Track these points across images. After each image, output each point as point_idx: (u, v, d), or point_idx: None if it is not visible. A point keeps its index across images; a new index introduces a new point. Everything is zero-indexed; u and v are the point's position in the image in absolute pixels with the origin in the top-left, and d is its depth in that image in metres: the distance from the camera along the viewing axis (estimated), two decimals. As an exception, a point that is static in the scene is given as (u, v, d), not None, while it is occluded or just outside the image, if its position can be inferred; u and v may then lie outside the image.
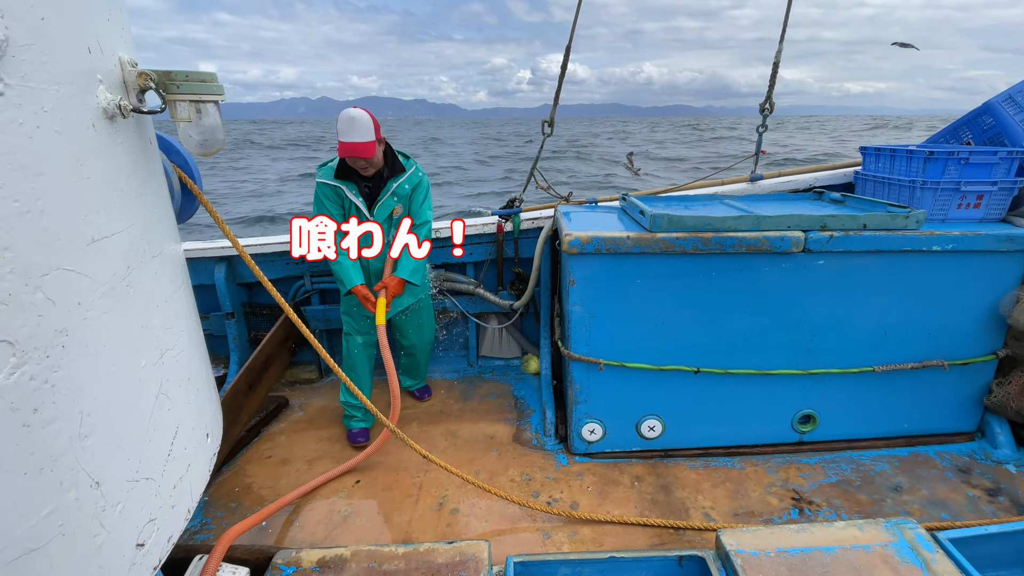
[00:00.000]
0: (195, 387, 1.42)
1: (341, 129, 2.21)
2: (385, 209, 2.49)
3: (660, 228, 2.17)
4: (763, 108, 2.83)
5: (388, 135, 2.63)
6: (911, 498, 2.21)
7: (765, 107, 2.82)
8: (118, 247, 1.08)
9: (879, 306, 2.31)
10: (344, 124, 2.21)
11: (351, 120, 2.20)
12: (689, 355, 2.36)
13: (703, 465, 2.43)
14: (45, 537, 0.89)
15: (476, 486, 2.17)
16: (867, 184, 2.78)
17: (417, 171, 2.53)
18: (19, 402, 0.84)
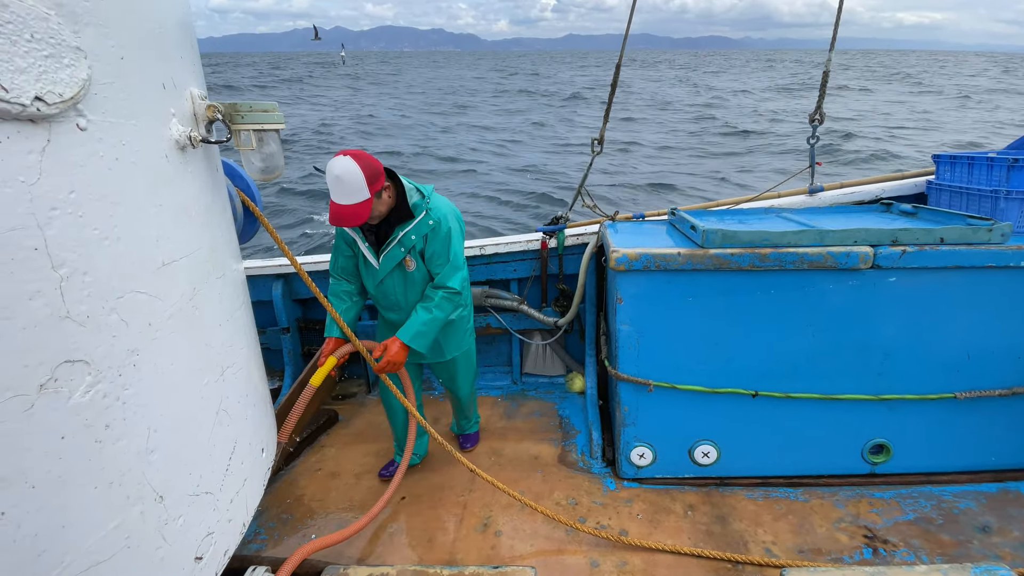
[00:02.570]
0: (252, 403, 1.47)
1: (329, 184, 1.76)
2: (391, 260, 2.05)
3: (713, 244, 2.08)
4: (812, 119, 2.69)
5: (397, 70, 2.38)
6: (1001, 540, 1.99)
7: (815, 118, 2.68)
8: (186, 269, 1.14)
9: (960, 327, 2.12)
10: (331, 181, 1.74)
11: (337, 179, 1.72)
12: (746, 377, 2.24)
13: (763, 496, 2.29)
14: (111, 550, 0.93)
15: (523, 503, 2.13)
16: (941, 195, 2.59)
17: (429, 217, 2.00)
18: (93, 419, 0.89)
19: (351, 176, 1.73)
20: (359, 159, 1.76)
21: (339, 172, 1.71)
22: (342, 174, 1.72)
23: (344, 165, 1.73)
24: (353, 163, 1.73)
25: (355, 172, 1.73)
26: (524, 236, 3.22)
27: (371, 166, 1.79)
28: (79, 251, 0.87)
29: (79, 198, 0.87)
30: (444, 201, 2.11)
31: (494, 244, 3.17)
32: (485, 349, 3.46)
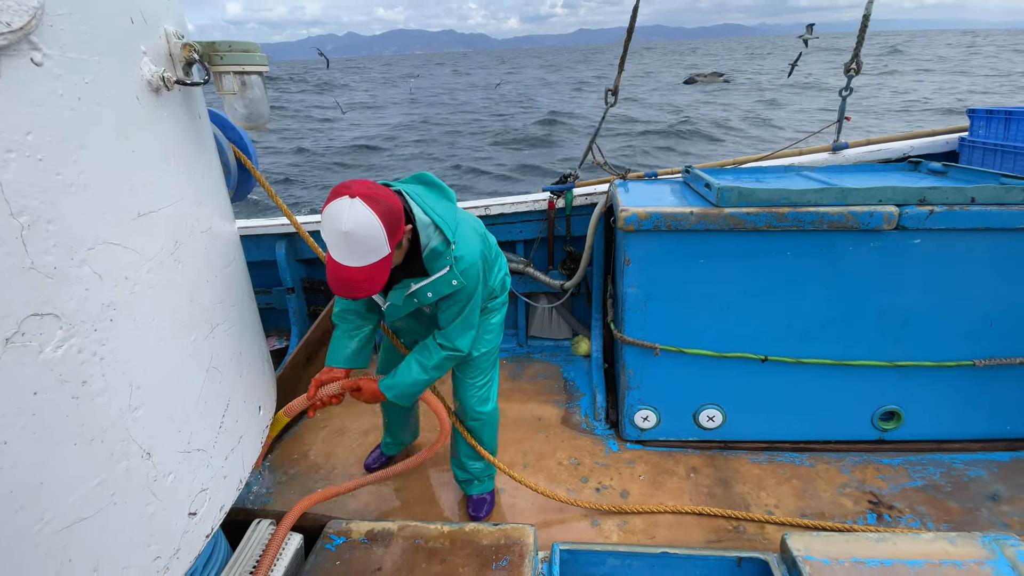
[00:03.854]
0: (247, 361, 1.44)
1: (330, 241, 1.24)
2: (396, 311, 1.62)
3: (728, 203, 1.98)
4: (848, 69, 2.51)
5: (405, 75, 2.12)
6: (1011, 509, 1.96)
7: (851, 67, 2.50)
8: (166, 221, 1.08)
9: (985, 293, 2.02)
10: (333, 237, 1.22)
11: (345, 236, 1.19)
12: (756, 342, 2.18)
13: (767, 460, 2.27)
14: (96, 506, 0.91)
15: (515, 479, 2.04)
16: (974, 152, 2.44)
17: (451, 277, 1.47)
18: (68, 374, 0.85)
19: (367, 231, 1.18)
20: (374, 201, 1.18)
21: (349, 226, 1.16)
22: (354, 229, 1.16)
23: (356, 216, 1.16)
24: (368, 212, 1.17)
25: (372, 225, 1.18)
26: (531, 196, 3.11)
27: (390, 208, 1.23)
28: (40, 198, 0.81)
29: (37, 140, 0.80)
30: (472, 241, 1.51)
31: (499, 204, 3.08)
32: None
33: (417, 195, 1.44)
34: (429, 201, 1.45)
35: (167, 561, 1.06)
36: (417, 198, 1.43)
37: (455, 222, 1.47)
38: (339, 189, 1.23)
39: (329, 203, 1.20)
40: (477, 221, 1.70)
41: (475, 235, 1.58)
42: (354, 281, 1.23)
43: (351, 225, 1.17)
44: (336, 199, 1.20)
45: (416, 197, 1.43)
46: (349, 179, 1.29)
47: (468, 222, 1.59)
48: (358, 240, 1.18)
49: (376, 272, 1.24)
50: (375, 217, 1.19)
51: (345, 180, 1.27)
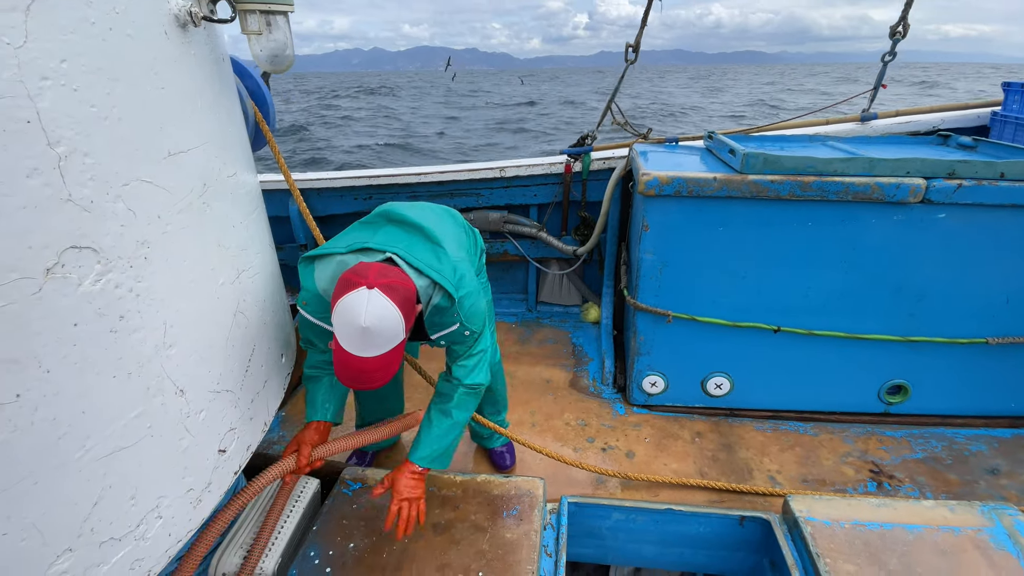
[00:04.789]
0: (270, 309, 1.45)
1: (344, 336, 1.12)
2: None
3: (752, 169, 1.95)
4: (895, 31, 2.41)
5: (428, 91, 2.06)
6: (1009, 482, 2.00)
7: (897, 30, 2.40)
8: (195, 163, 1.07)
9: (1005, 270, 2.00)
10: (350, 333, 1.11)
11: (364, 332, 1.10)
12: (770, 312, 2.18)
13: (772, 428, 2.31)
14: (134, 437, 0.94)
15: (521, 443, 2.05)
16: (1006, 127, 2.37)
17: (463, 330, 1.39)
18: (105, 308, 0.86)
19: (388, 324, 1.10)
20: (392, 290, 1.12)
21: (370, 322, 1.08)
22: (375, 324, 1.09)
23: (376, 311, 1.09)
24: (388, 304, 1.10)
25: (393, 317, 1.11)
26: (547, 159, 3.06)
27: (407, 294, 1.16)
28: (76, 129, 0.80)
29: (71, 69, 0.79)
30: (466, 271, 1.38)
31: (515, 166, 3.03)
32: (501, 276, 3.42)
33: (405, 252, 1.30)
34: (417, 253, 1.32)
35: (199, 494, 1.10)
36: (407, 256, 1.29)
37: (450, 267, 1.34)
38: (352, 279, 1.13)
39: (343, 295, 1.10)
40: (453, 226, 1.58)
41: (464, 257, 1.46)
42: (368, 372, 1.13)
43: (372, 320, 1.08)
44: (351, 292, 1.10)
45: (406, 255, 1.29)
46: (358, 264, 1.19)
47: (470, 279, 1.39)
48: (377, 333, 1.10)
49: (391, 358, 1.15)
50: (395, 309, 1.11)
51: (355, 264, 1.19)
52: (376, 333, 1.09)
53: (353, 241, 1.33)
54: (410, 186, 3.06)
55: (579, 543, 1.82)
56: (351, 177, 3.10)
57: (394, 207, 1.47)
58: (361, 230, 1.43)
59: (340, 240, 1.37)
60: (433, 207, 1.65)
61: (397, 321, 1.12)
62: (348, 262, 1.28)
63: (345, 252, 1.29)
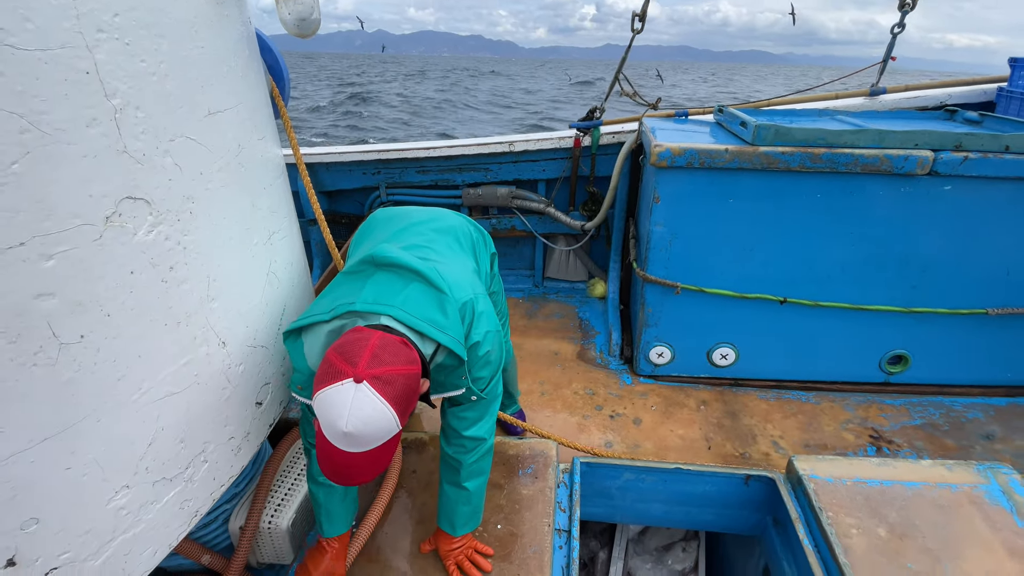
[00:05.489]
0: (297, 272, 1.49)
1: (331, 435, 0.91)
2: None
3: (764, 141, 1.98)
4: (903, 3, 2.42)
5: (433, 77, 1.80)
6: (1004, 447, 2.08)
7: (905, 2, 2.41)
8: (230, 124, 1.10)
9: (1007, 242, 2.05)
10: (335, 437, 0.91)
11: (347, 437, 0.90)
12: (777, 284, 2.23)
13: (775, 396, 2.38)
14: (184, 383, 0.99)
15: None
16: (1012, 102, 2.40)
17: (471, 394, 1.23)
18: (158, 259, 0.90)
19: (376, 426, 0.91)
20: (385, 384, 0.91)
21: (353, 426, 0.88)
22: (359, 429, 0.89)
23: (363, 414, 0.89)
24: (378, 403, 0.90)
25: (383, 418, 0.91)
26: (556, 133, 3.07)
27: (407, 383, 0.95)
28: (129, 83, 0.83)
29: (124, 23, 0.82)
30: (491, 323, 1.20)
31: (524, 141, 3.04)
32: (509, 252, 3.46)
33: (400, 311, 1.05)
34: (415, 308, 1.07)
35: (239, 442, 1.16)
36: (404, 318, 1.05)
37: (456, 318, 1.12)
38: (336, 365, 0.91)
39: (325, 385, 0.90)
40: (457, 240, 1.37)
41: (478, 284, 1.25)
42: (355, 467, 0.93)
43: (355, 424, 0.88)
44: (334, 384, 0.89)
45: (402, 316, 1.05)
46: (351, 333, 0.97)
47: (464, 284, 1.19)
48: (363, 436, 0.90)
49: (382, 453, 0.95)
50: (386, 408, 0.90)
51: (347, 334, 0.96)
52: (362, 436, 0.89)
53: (337, 303, 1.06)
54: (419, 161, 3.08)
55: (590, 502, 1.89)
56: (359, 151, 3.11)
57: (380, 250, 1.15)
58: (346, 283, 1.13)
59: (323, 301, 1.11)
60: (434, 219, 1.40)
61: (389, 421, 0.91)
62: (338, 332, 1.05)
63: (330, 318, 1.04)
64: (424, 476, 1.74)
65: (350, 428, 0.88)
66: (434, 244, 1.27)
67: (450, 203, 3.23)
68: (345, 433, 0.88)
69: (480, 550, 1.45)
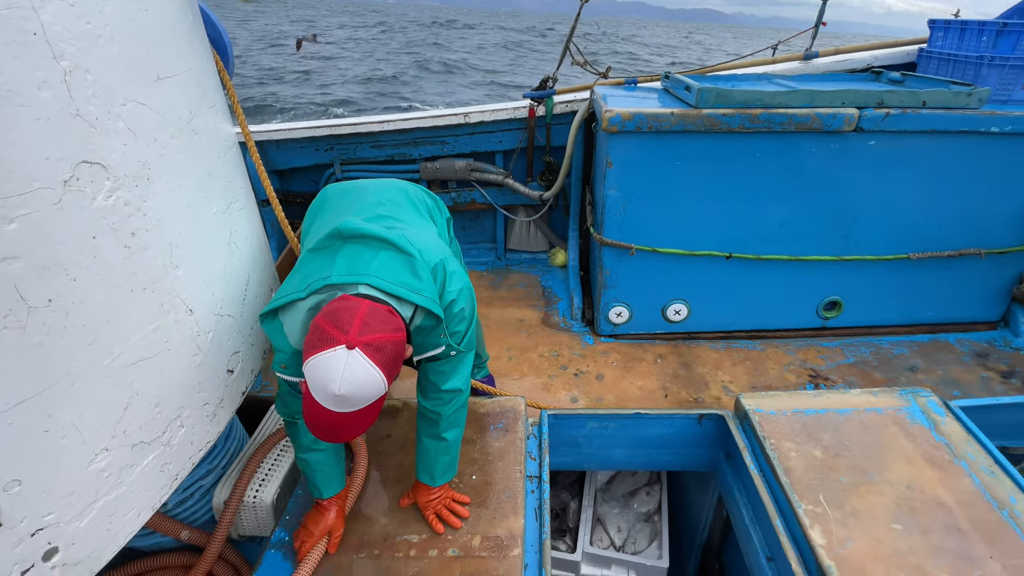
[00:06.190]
0: (258, 243, 1.50)
1: (321, 397, 0.95)
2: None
3: (707, 103, 2.08)
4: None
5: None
6: (925, 377, 2.32)
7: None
8: (180, 90, 1.10)
9: (926, 192, 2.25)
10: (325, 399, 0.95)
11: (337, 398, 0.95)
12: (723, 240, 2.38)
13: (724, 346, 2.55)
14: (155, 349, 1.01)
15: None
16: (931, 62, 2.59)
17: (451, 349, 1.28)
18: (119, 224, 0.91)
19: (368, 389, 0.96)
20: (376, 350, 0.96)
21: (346, 389, 0.93)
22: (352, 392, 0.94)
23: (355, 377, 0.93)
24: (370, 369, 0.95)
25: (375, 382, 0.96)
26: (511, 104, 3.10)
27: (396, 349, 1.01)
28: (77, 44, 0.83)
29: None
30: (463, 281, 1.25)
31: (480, 112, 3.06)
32: (470, 225, 3.49)
33: (377, 278, 1.08)
34: (390, 275, 1.10)
35: (214, 408, 1.18)
36: (382, 284, 1.08)
37: (429, 278, 1.16)
38: (328, 331, 0.94)
39: (317, 351, 0.93)
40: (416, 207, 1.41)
41: (443, 245, 1.30)
42: (342, 426, 0.98)
43: (348, 388, 0.92)
44: (326, 350, 0.93)
45: (380, 283, 1.08)
46: (338, 301, 1.00)
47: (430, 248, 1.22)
48: (354, 398, 0.95)
49: (368, 413, 1.00)
50: (378, 373, 0.95)
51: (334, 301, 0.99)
52: (353, 398, 0.94)
53: (311, 279, 1.07)
54: (373, 135, 3.05)
55: (558, 452, 2.00)
56: (311, 127, 3.05)
57: (346, 223, 1.16)
58: (315, 260, 1.14)
59: (295, 280, 1.12)
60: (386, 189, 1.41)
61: (379, 385, 0.96)
62: (318, 307, 1.06)
63: (306, 295, 1.06)
64: (399, 439, 1.80)
65: (343, 391, 0.92)
66: (395, 213, 1.30)
67: (408, 178, 3.22)
68: (337, 396, 0.92)
69: (457, 499, 1.54)
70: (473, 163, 3.21)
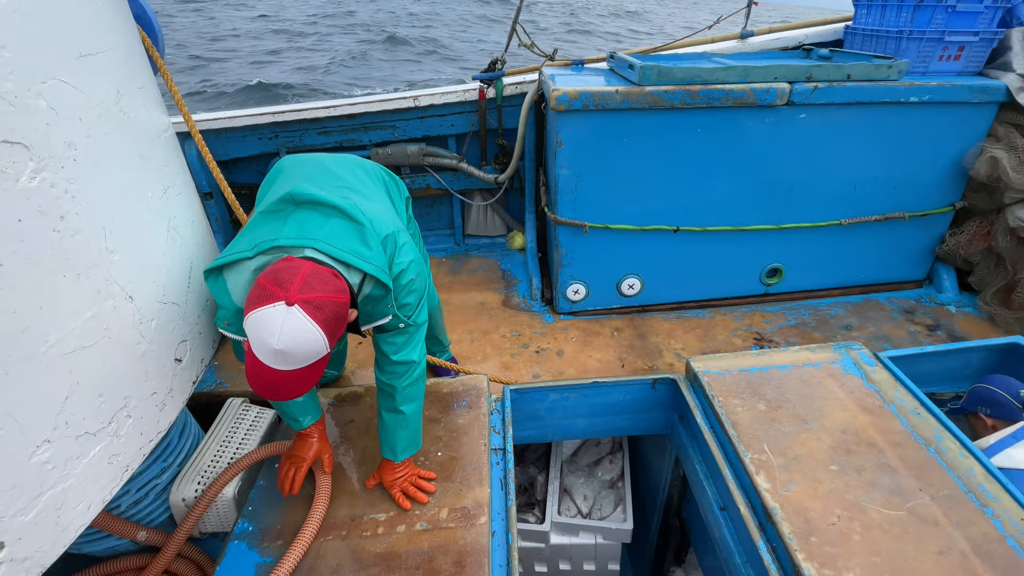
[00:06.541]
0: (200, 230, 1.46)
1: (260, 352, 0.98)
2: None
3: (649, 81, 2.14)
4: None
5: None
6: (859, 334, 2.49)
7: (761, -50, 2.65)
8: (105, 68, 1.05)
9: (854, 161, 2.40)
10: (264, 353, 0.97)
11: (278, 354, 0.96)
12: (670, 215, 2.46)
13: (676, 316, 2.66)
14: (93, 337, 0.98)
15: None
16: (855, 38, 2.75)
17: (398, 321, 1.30)
18: (46, 207, 0.88)
19: (306, 347, 0.97)
20: (316, 308, 0.98)
21: (284, 344, 0.95)
22: (289, 347, 0.96)
23: (293, 333, 0.95)
24: (309, 325, 0.96)
25: (314, 339, 0.98)
26: (460, 87, 3.09)
27: (336, 310, 1.02)
28: (-14, 18, 0.79)
29: None
30: (413, 254, 1.26)
31: (429, 95, 3.03)
32: (426, 212, 3.47)
33: (325, 243, 1.10)
34: (339, 241, 1.12)
35: (163, 398, 1.15)
36: (330, 249, 1.10)
37: (379, 248, 1.17)
38: (269, 288, 0.96)
39: (257, 306, 0.95)
40: (373, 182, 1.42)
41: (396, 218, 1.32)
42: (283, 384, 0.99)
43: (286, 343, 0.94)
44: (266, 305, 0.94)
45: (328, 248, 1.10)
46: (282, 262, 1.02)
47: (383, 219, 1.23)
48: (293, 355, 0.96)
49: (312, 372, 1.02)
50: (316, 330, 0.97)
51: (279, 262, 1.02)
52: (292, 355, 0.96)
53: (260, 240, 1.09)
54: (319, 121, 2.98)
55: (522, 426, 2.05)
56: (253, 114, 2.94)
57: (299, 188, 1.17)
58: (266, 222, 1.15)
59: (244, 239, 1.13)
60: (344, 163, 1.42)
61: (318, 342, 0.98)
62: (263, 268, 1.07)
63: (253, 255, 1.08)
64: (362, 424, 1.80)
65: (280, 346, 0.94)
66: (351, 183, 1.32)
67: None
68: (276, 351, 0.95)
69: (423, 475, 1.56)
70: (426, 148, 3.18)
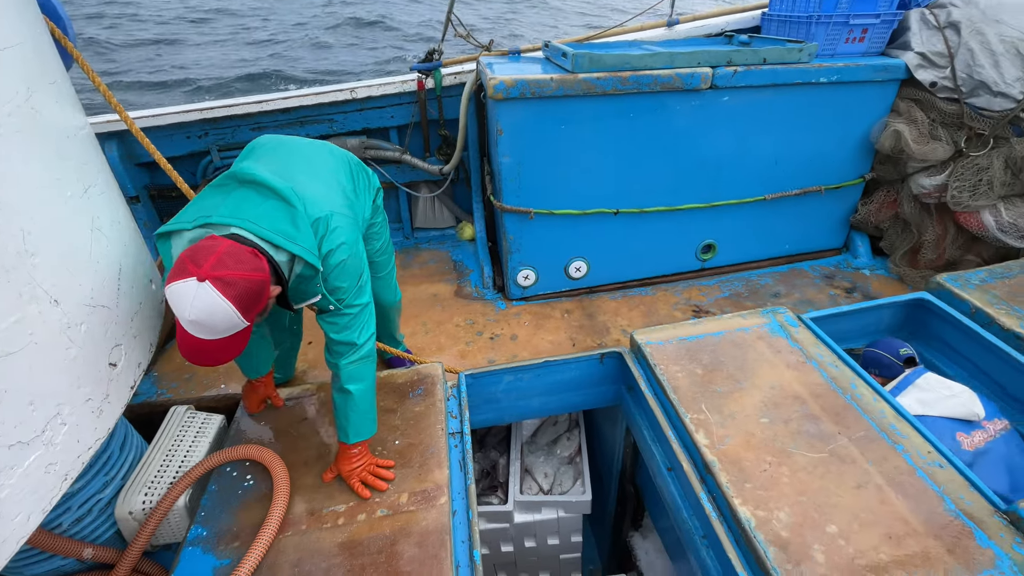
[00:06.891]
0: (126, 230, 1.40)
1: (181, 319, 1.07)
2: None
3: (582, 68, 2.21)
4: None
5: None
6: (786, 300, 2.69)
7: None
8: (12, 64, 1.00)
9: (773, 139, 2.58)
10: (182, 321, 1.07)
11: (193, 324, 1.06)
12: (610, 198, 2.56)
13: (622, 295, 2.77)
14: (19, 343, 0.94)
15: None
16: (772, 24, 2.93)
17: (327, 303, 1.38)
18: (-46, 209, 0.83)
19: (218, 319, 1.06)
20: (225, 284, 1.05)
21: (196, 316, 1.04)
22: (201, 318, 1.04)
23: (203, 306, 1.03)
24: (218, 299, 1.04)
25: (224, 313, 1.05)
26: (398, 77, 3.06)
27: (248, 287, 1.08)
28: None
29: None
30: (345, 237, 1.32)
31: (366, 87, 2.99)
32: None
33: (253, 224, 1.17)
34: (268, 222, 1.19)
35: (99, 404, 1.12)
36: (257, 230, 1.17)
37: (308, 231, 1.24)
38: (185, 264, 1.04)
39: (174, 280, 1.03)
40: (328, 168, 1.48)
41: (340, 203, 1.39)
42: (206, 351, 1.09)
43: (197, 315, 1.03)
44: (180, 280, 1.03)
45: (255, 229, 1.17)
46: (205, 240, 1.10)
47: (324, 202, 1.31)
48: (208, 326, 1.06)
49: (232, 342, 1.11)
50: (226, 305, 1.05)
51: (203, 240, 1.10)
52: (206, 325, 1.05)
53: (199, 214, 1.18)
54: (251, 116, 2.89)
55: (479, 410, 2.10)
56: (179, 111, 2.81)
57: (244, 168, 1.26)
58: (212, 196, 1.24)
59: (191, 209, 1.22)
60: (306, 148, 1.49)
61: (230, 315, 1.06)
62: (196, 240, 1.14)
63: (191, 227, 1.16)
64: (316, 422, 1.79)
65: (193, 317, 1.05)
66: (300, 166, 1.38)
67: None
68: (191, 321, 1.05)
69: (381, 463, 1.58)
70: (367, 140, 3.14)
